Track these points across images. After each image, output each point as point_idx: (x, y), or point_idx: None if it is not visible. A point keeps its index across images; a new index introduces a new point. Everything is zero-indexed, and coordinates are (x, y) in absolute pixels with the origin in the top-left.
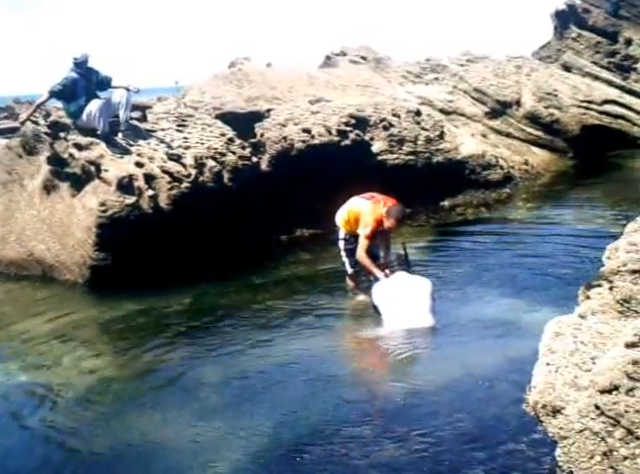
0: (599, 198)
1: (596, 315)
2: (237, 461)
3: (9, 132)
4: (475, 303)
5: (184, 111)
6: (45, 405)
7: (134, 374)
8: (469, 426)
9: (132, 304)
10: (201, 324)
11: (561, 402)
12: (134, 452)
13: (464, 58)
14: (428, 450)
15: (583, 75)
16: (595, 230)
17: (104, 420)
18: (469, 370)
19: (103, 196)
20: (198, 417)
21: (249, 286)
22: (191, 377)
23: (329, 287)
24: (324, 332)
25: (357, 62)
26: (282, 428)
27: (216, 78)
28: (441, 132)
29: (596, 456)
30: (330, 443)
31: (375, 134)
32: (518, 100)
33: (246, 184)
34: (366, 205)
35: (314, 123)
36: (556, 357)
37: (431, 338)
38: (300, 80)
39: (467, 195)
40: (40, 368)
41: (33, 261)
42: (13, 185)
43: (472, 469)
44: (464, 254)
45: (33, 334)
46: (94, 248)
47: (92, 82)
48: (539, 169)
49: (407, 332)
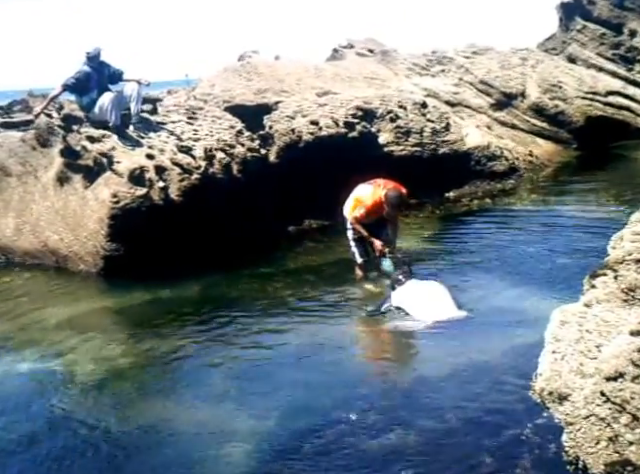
0: (603, 189)
1: (601, 304)
2: (247, 446)
3: (23, 125)
4: (480, 293)
5: (194, 104)
6: (60, 392)
7: (147, 361)
8: (476, 413)
9: (144, 293)
10: (211, 313)
11: (567, 389)
12: (149, 437)
13: (470, 50)
14: (435, 437)
15: (588, 67)
16: (599, 220)
17: (119, 406)
18: (475, 358)
19: (115, 187)
20: (210, 403)
21: (258, 276)
22: (203, 364)
23: (337, 277)
24: (332, 321)
25: (364, 55)
26: (292, 415)
27: (225, 71)
28: (447, 124)
29: (602, 441)
30: (338, 429)
31: (382, 126)
32: (523, 92)
33: (255, 176)
34: (368, 189)
35: (322, 115)
36: (562, 345)
37: (438, 328)
38: (308, 73)
39: (472, 186)
40: (55, 356)
41: (47, 251)
42: (28, 177)
43: (479, 455)
44: (469, 245)
45: (48, 323)
46: (106, 238)
47: (104, 76)
48: (543, 160)
49: (415, 323)
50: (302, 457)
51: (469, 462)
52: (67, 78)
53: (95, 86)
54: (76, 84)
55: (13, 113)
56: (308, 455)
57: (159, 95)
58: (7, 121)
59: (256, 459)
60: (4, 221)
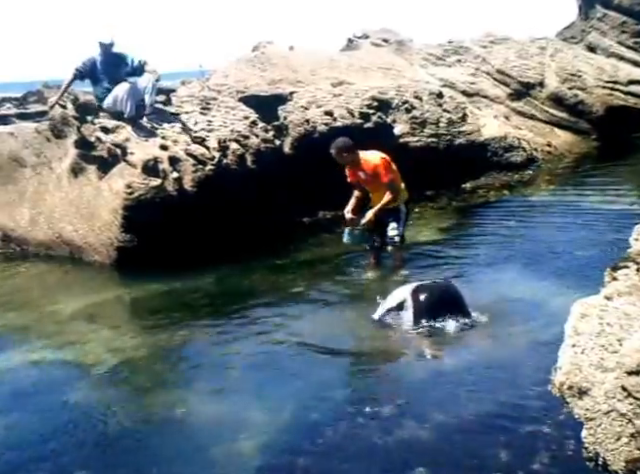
0: (624, 180)
1: (622, 296)
2: (259, 438)
3: (38, 116)
4: (498, 285)
5: (208, 94)
6: (74, 383)
7: (161, 353)
8: (492, 407)
9: (158, 284)
10: (225, 304)
11: (587, 383)
12: (162, 429)
13: (487, 40)
14: (449, 431)
15: (608, 55)
16: (620, 211)
17: (132, 397)
18: (492, 351)
19: (129, 178)
20: (223, 395)
21: (272, 267)
22: (216, 355)
23: (351, 268)
24: (347, 313)
25: (379, 45)
26: (305, 406)
27: (239, 61)
28: (463, 114)
29: (623, 437)
30: (351, 421)
31: (397, 116)
32: (541, 81)
33: (269, 167)
34: None
35: (336, 106)
36: (582, 339)
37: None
38: (322, 63)
39: (489, 177)
40: (69, 347)
41: (61, 242)
42: (42, 168)
43: (494, 450)
44: (486, 236)
45: (62, 314)
46: (120, 229)
47: (118, 67)
48: (562, 151)
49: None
50: (314, 450)
51: (484, 457)
52: (77, 64)
53: (105, 76)
54: (84, 70)
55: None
56: (320, 448)
57: (173, 86)
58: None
59: (268, 452)
60: (19, 212)
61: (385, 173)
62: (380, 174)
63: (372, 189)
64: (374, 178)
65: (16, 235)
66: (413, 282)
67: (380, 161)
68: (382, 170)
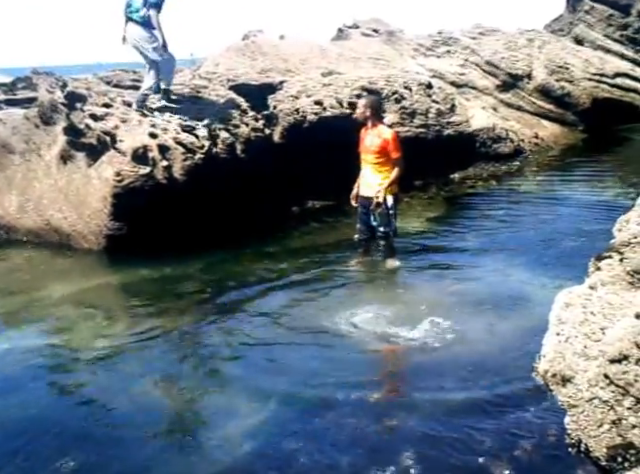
0: (609, 171)
1: (606, 286)
2: (248, 426)
3: (27, 102)
4: (485, 274)
5: (198, 83)
6: (63, 369)
7: (150, 339)
8: (478, 394)
9: (147, 271)
10: (215, 291)
11: (571, 371)
12: (150, 414)
13: (476, 31)
14: (436, 418)
15: (595, 48)
16: (605, 202)
17: (122, 384)
18: (478, 338)
19: (118, 166)
20: (212, 381)
21: (262, 255)
22: (205, 342)
23: (340, 256)
24: (337, 299)
25: (369, 35)
26: (296, 393)
27: (230, 50)
28: (452, 105)
29: (605, 424)
30: (341, 408)
31: (387, 107)
32: (529, 73)
33: (259, 155)
34: None
35: (326, 95)
36: (566, 327)
37: (445, 308)
38: (312, 52)
39: (477, 168)
40: (58, 332)
41: (50, 230)
42: (31, 155)
43: (480, 436)
44: (474, 226)
45: (51, 300)
46: (110, 217)
47: None
48: (549, 142)
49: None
50: (302, 438)
51: (469, 443)
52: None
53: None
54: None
55: (17, 90)
56: (308, 436)
57: None
58: (10, 98)
59: (257, 438)
60: (7, 199)
61: (396, 149)
62: (391, 149)
63: (368, 154)
64: (381, 148)
65: (4, 222)
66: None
67: (394, 136)
68: (393, 145)
